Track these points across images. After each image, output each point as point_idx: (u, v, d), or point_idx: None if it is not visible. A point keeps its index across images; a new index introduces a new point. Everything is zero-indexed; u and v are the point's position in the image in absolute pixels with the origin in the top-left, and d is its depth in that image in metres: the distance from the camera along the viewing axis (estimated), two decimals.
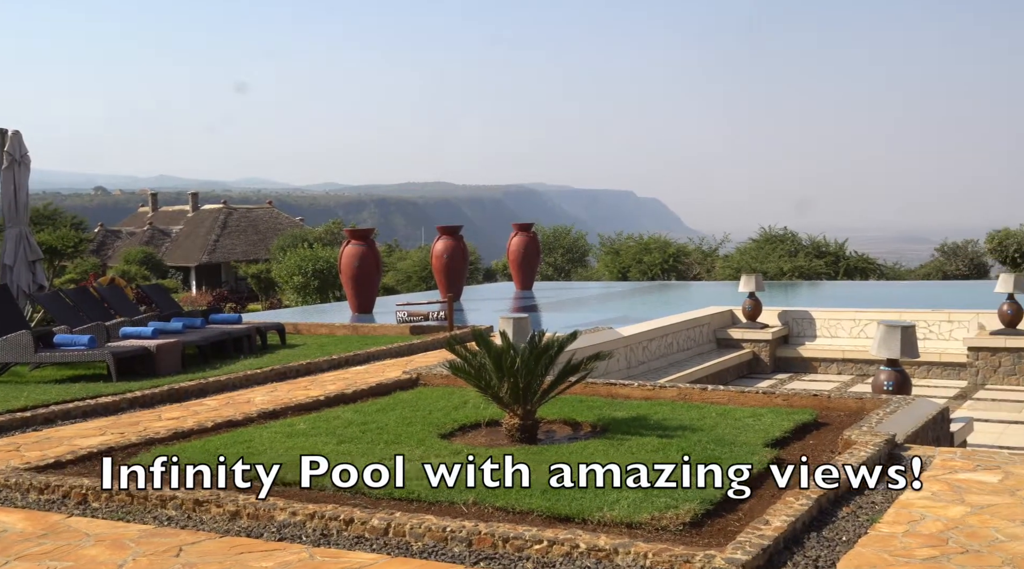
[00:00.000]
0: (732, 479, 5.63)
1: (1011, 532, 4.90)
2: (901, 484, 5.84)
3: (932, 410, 7.97)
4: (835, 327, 15.75)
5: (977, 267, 37.41)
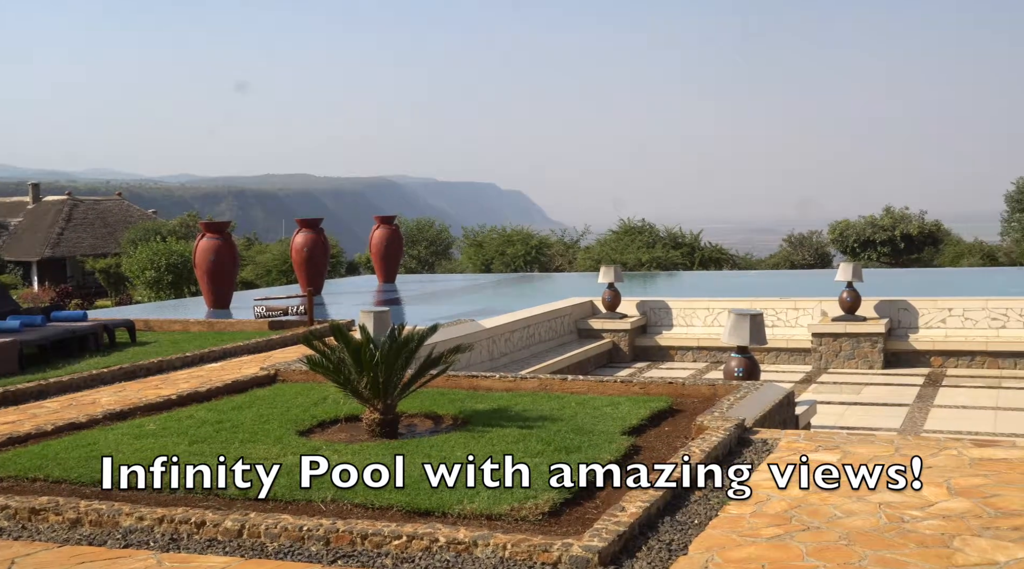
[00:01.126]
0: (590, 467, 5.72)
1: (848, 508, 5.16)
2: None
3: (779, 394, 8.32)
4: (690, 316, 16.25)
5: (821, 256, 39.32)
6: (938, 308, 14.96)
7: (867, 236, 36.96)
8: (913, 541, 4.64)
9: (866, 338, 14.60)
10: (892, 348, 14.74)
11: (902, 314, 15.14)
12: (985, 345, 14.28)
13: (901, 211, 37.79)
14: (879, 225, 36.95)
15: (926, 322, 14.96)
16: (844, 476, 5.76)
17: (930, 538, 4.67)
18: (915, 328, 15.00)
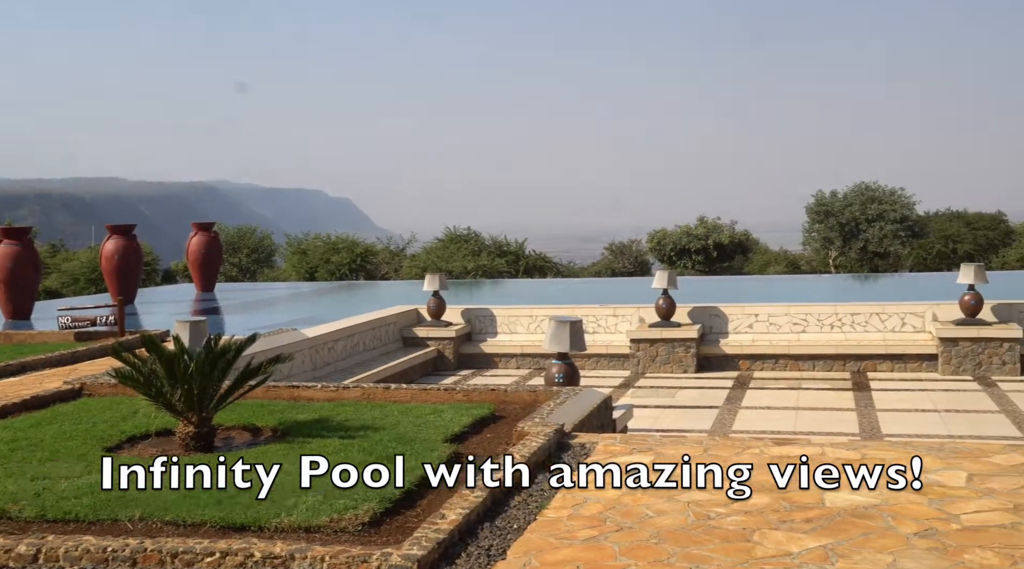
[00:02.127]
0: (411, 476, 5.71)
1: (659, 508, 5.37)
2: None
3: (597, 399, 8.56)
4: (514, 323, 16.50)
5: (641, 264, 40.81)
6: (746, 314, 15.79)
7: (683, 245, 38.63)
8: (717, 537, 4.88)
9: (680, 343, 15.24)
10: (704, 352, 15.44)
11: (714, 320, 15.90)
12: (788, 349, 15.17)
13: (714, 221, 39.70)
14: (694, 234, 38.69)
15: (735, 327, 15.76)
16: (656, 477, 5.99)
17: (733, 533, 4.93)
18: (725, 333, 15.77)
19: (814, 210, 41.08)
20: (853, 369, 14.86)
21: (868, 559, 4.53)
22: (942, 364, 14.27)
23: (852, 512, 5.22)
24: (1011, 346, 14.00)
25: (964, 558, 4.50)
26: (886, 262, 39.59)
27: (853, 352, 14.89)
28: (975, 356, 14.09)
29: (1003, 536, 4.76)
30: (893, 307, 15.35)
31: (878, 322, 15.24)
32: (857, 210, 39.48)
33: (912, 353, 14.70)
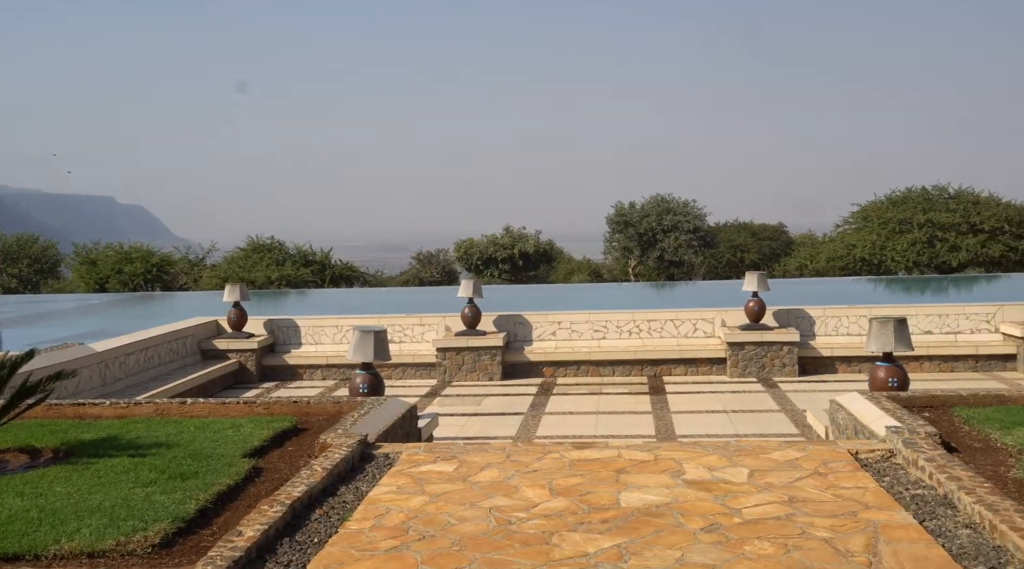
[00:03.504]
0: (207, 493, 5.50)
1: (461, 515, 5.41)
2: (370, 481, 6.16)
3: (402, 409, 8.54)
4: (319, 334, 16.21)
5: (448, 273, 41.05)
6: (549, 322, 16.17)
7: (489, 254, 39.14)
8: (518, 541, 4.97)
9: (486, 351, 15.43)
10: (510, 360, 15.70)
11: (519, 328, 16.19)
12: (589, 355, 15.65)
13: (519, 230, 40.47)
14: (500, 244, 39.29)
15: (539, 335, 16.11)
16: (460, 484, 6.03)
17: (532, 537, 5.03)
18: (530, 341, 16.10)
19: (614, 221, 42.64)
20: (650, 373, 15.50)
21: (659, 555, 4.73)
22: (730, 367, 15.11)
23: (645, 511, 5.44)
24: (790, 349, 15.00)
25: (744, 549, 4.78)
26: (681, 270, 41.58)
27: (650, 357, 15.53)
28: (759, 359, 15.02)
29: (778, 527, 5.10)
30: (686, 313, 16.12)
31: (673, 328, 15.97)
32: (654, 221, 41.27)
33: (703, 357, 15.49)
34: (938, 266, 37.58)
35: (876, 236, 38.95)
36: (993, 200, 39.25)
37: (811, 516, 5.25)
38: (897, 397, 8.01)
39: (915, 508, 5.37)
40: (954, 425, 7.19)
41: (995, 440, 6.63)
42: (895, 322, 9.46)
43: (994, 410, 7.46)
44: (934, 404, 7.87)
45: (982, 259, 37.28)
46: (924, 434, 6.52)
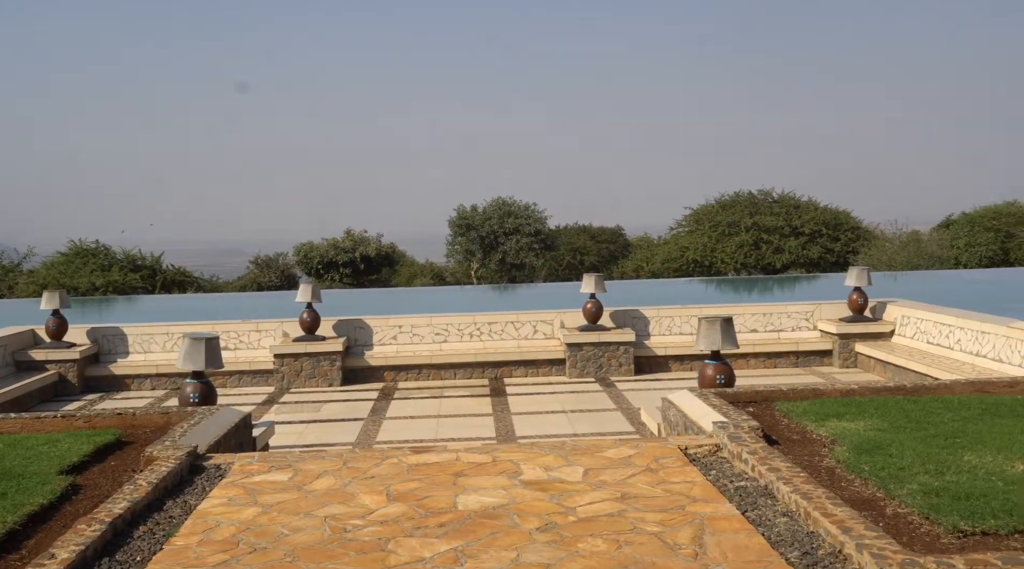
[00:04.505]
0: (17, 514, 5.16)
1: (295, 525, 5.28)
2: (200, 494, 5.93)
3: (235, 418, 8.27)
4: (148, 342, 15.53)
5: (288, 278, 40.16)
6: (390, 326, 16.04)
7: (330, 257, 38.55)
8: (353, 549, 4.89)
9: (325, 357, 15.16)
10: (350, 365, 15.48)
11: (359, 332, 15.99)
12: (430, 358, 15.62)
13: (361, 234, 40.04)
14: (341, 247, 38.76)
15: (380, 339, 15.96)
16: (294, 493, 5.89)
17: (368, 544, 4.96)
18: (371, 345, 15.92)
19: (456, 224, 42.81)
20: (491, 375, 15.61)
21: (495, 557, 4.75)
22: (569, 368, 15.40)
23: (482, 513, 5.46)
24: (627, 349, 15.42)
25: (578, 547, 4.86)
26: (523, 273, 42.15)
27: (491, 359, 15.64)
28: (596, 359, 15.37)
29: (611, 523, 5.21)
30: (526, 315, 16.33)
31: (513, 330, 16.14)
32: (496, 224, 41.67)
33: (543, 359, 15.72)
34: (764, 267, 39.53)
35: (707, 239, 40.62)
36: (812, 204, 41.62)
37: (642, 511, 5.40)
38: (724, 393, 8.35)
39: (738, 499, 5.61)
40: (775, 418, 7.55)
41: (811, 431, 7.00)
42: (722, 321, 9.87)
43: (810, 403, 7.88)
44: (757, 399, 8.24)
45: (803, 260, 39.46)
46: (748, 428, 6.82)
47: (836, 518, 4.83)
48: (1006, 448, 6.19)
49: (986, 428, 6.77)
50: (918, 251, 36.41)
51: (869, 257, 35.91)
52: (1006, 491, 5.24)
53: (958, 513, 4.87)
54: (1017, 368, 11.80)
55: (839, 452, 6.28)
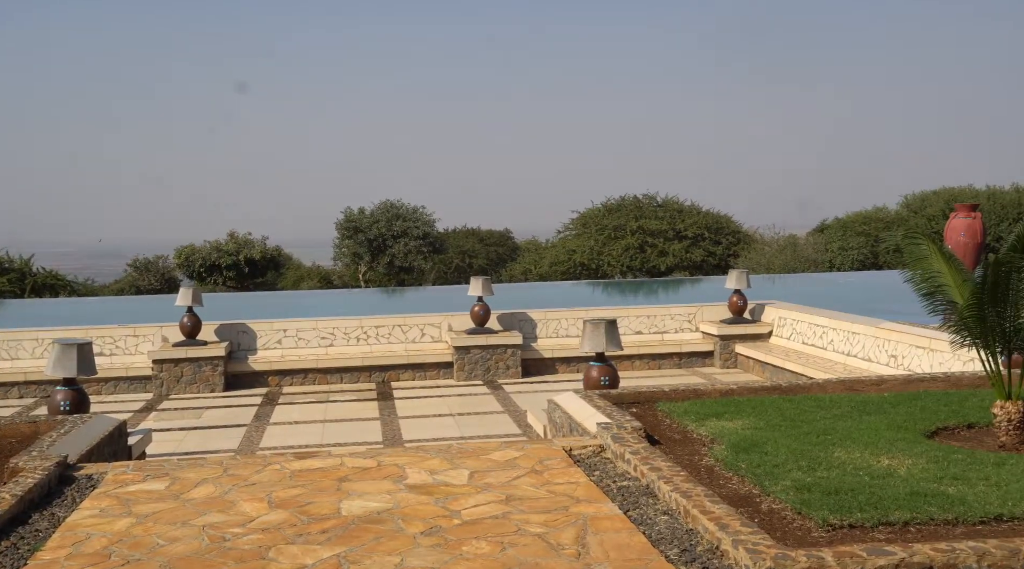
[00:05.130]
0: None
1: (172, 535, 5.12)
2: (69, 506, 5.70)
3: (109, 426, 7.98)
4: (16, 348, 14.84)
5: (168, 281, 38.95)
6: (275, 330, 15.74)
7: (213, 260, 37.58)
8: (232, 558, 4.77)
9: (207, 362, 14.76)
10: (233, 370, 15.12)
11: (242, 336, 15.63)
12: (316, 363, 15.39)
13: (245, 236, 39.16)
14: (224, 250, 37.82)
15: (264, 343, 15.64)
16: (171, 502, 5.71)
17: (248, 553, 4.84)
18: (254, 350, 15.59)
19: (344, 226, 42.28)
20: (378, 379, 15.48)
21: (378, 562, 4.70)
22: (457, 371, 15.39)
23: (366, 518, 5.40)
24: (514, 352, 15.51)
25: (463, 550, 4.86)
26: (411, 276, 41.93)
27: (378, 363, 15.51)
28: (484, 362, 15.40)
29: (496, 525, 5.23)
30: (414, 319, 16.25)
31: (400, 333, 16.04)
32: (383, 227, 41.34)
33: (431, 362, 15.67)
34: (649, 270, 40.34)
35: (594, 242, 41.21)
36: (695, 209, 42.69)
37: (526, 513, 5.43)
38: (608, 394, 8.48)
39: (621, 499, 5.70)
40: (657, 419, 7.71)
41: (692, 431, 7.17)
42: (606, 324, 10.02)
43: (691, 403, 8.08)
44: (640, 400, 8.40)
45: (686, 263, 40.42)
46: (630, 429, 6.94)
47: (714, 515, 4.95)
48: (872, 444, 6.47)
49: (855, 425, 7.06)
50: (795, 254, 37.75)
51: (749, 260, 37.03)
52: (872, 485, 5.47)
53: (828, 507, 5.06)
54: (884, 367, 12.35)
55: (718, 451, 6.45)
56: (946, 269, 6.64)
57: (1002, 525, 4.87)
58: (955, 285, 6.58)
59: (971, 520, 4.90)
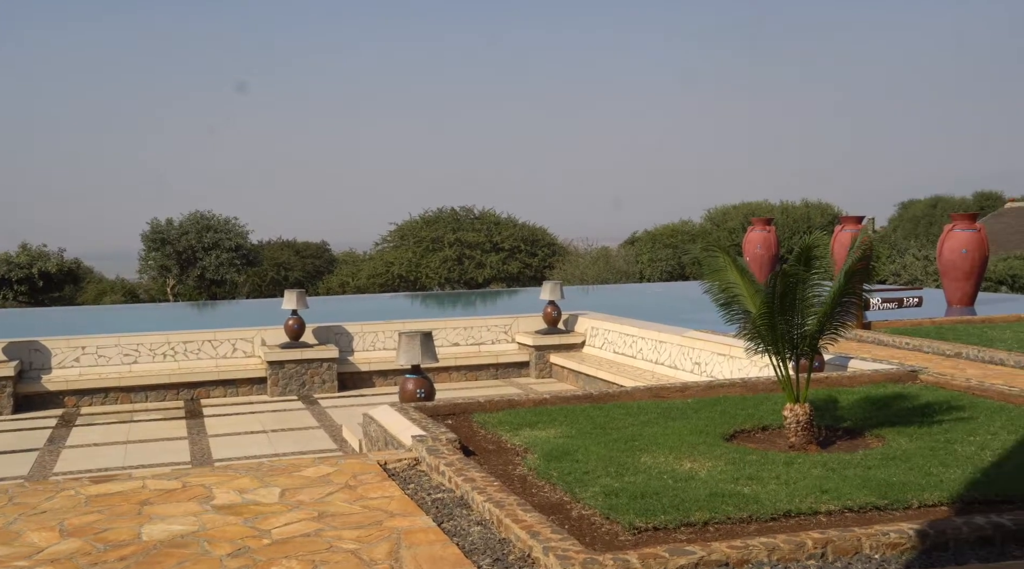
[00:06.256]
0: None
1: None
2: None
3: None
4: None
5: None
6: (72, 347, 14.85)
7: (2, 274, 35.09)
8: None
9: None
10: (24, 391, 14.14)
11: (35, 355, 14.66)
12: (119, 381, 14.61)
13: (39, 249, 36.80)
14: (15, 263, 35.39)
15: (60, 362, 14.73)
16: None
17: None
18: (49, 369, 14.65)
19: (150, 238, 40.43)
20: (187, 397, 14.86)
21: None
22: (270, 386, 14.98)
23: (169, 543, 5.16)
24: (330, 365, 15.25)
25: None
26: (224, 289, 40.56)
27: (187, 380, 14.90)
28: (299, 377, 15.07)
29: (307, 544, 5.11)
30: (225, 333, 15.71)
31: (211, 349, 15.47)
32: (193, 238, 39.83)
33: (244, 378, 15.19)
34: (467, 282, 40.68)
35: (412, 254, 41.18)
36: (511, 221, 43.41)
37: (339, 529, 5.34)
38: (424, 407, 8.48)
39: (435, 511, 5.70)
40: (473, 430, 7.77)
41: (506, 441, 7.27)
42: (422, 336, 10.02)
43: (506, 413, 8.19)
44: (456, 411, 8.44)
45: (503, 275, 41.03)
46: (445, 440, 6.95)
47: (526, 524, 5.03)
48: (676, 448, 6.75)
49: (660, 431, 7.35)
50: (607, 266, 39.01)
51: (564, 272, 37.98)
52: (675, 488, 5.71)
53: (634, 511, 5.24)
54: (689, 374, 12.93)
55: (531, 460, 6.56)
56: (740, 280, 7.03)
57: (791, 521, 5.19)
58: (749, 295, 6.98)
59: (763, 517, 5.19)
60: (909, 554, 4.71)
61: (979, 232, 17.47)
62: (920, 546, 4.75)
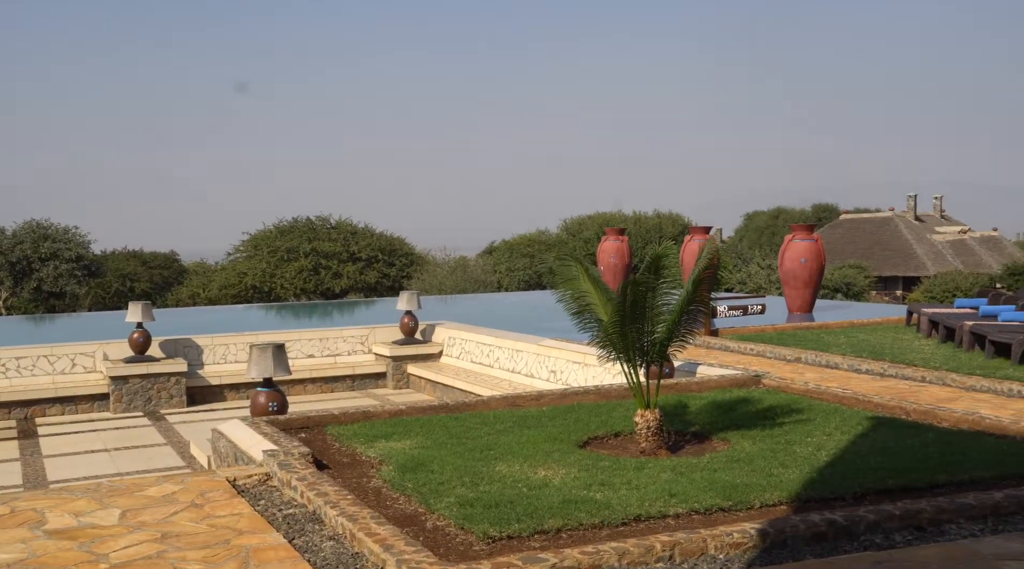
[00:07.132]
0: None
1: None
2: None
3: None
4: None
5: None
6: None
7: None
8: None
9: None
10: None
11: None
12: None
13: None
14: None
15: None
16: None
17: None
18: None
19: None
20: (20, 416, 14.03)
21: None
22: (113, 403, 14.31)
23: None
24: (178, 380, 14.69)
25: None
26: (63, 302, 38.58)
27: (20, 398, 14.07)
28: (145, 392, 14.45)
29: (149, 566, 4.88)
30: (63, 348, 14.92)
31: (47, 364, 14.66)
32: (29, 248, 37.75)
33: (84, 394, 14.46)
34: (323, 292, 40.01)
35: (266, 264, 40.21)
36: (368, 231, 42.98)
37: (184, 550, 5.13)
38: (276, 421, 8.26)
39: (287, 527, 5.55)
40: (327, 443, 7.62)
41: (360, 453, 7.16)
42: (274, 348, 9.78)
43: (361, 426, 8.07)
44: (310, 425, 8.27)
45: (360, 285, 40.56)
46: (298, 454, 6.79)
47: (379, 537, 4.96)
48: (531, 456, 6.81)
49: (515, 439, 7.39)
50: (465, 275, 39.10)
51: (422, 281, 37.85)
52: (529, 496, 5.75)
53: (488, 520, 5.24)
54: (545, 382, 13.08)
55: (386, 472, 6.48)
56: (593, 289, 7.15)
57: (640, 524, 5.30)
58: (601, 304, 7.10)
59: (615, 522, 5.29)
60: (751, 553, 4.89)
61: (816, 242, 18.38)
62: (761, 545, 4.93)
